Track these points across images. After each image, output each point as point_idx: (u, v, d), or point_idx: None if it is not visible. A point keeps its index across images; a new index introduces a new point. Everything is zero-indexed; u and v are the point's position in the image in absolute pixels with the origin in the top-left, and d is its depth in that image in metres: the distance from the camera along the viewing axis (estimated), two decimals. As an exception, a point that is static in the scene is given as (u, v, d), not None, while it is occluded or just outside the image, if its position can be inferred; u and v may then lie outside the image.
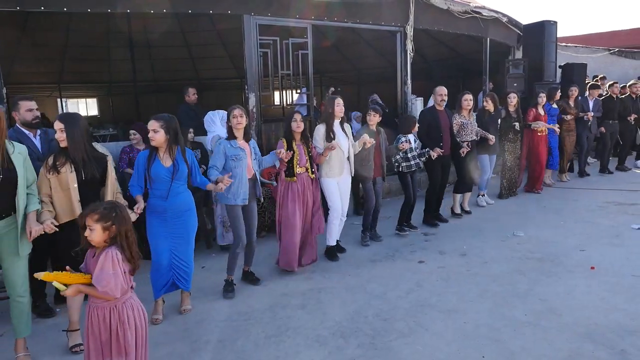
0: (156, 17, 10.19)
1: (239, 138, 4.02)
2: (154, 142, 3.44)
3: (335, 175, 4.73)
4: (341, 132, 4.76)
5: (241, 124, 3.97)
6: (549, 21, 9.25)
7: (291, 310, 3.73)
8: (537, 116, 7.17)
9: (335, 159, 4.69)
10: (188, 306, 3.79)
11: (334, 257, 4.82)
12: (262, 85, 6.11)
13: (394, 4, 7.11)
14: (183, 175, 3.56)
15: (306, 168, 4.44)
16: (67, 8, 4.98)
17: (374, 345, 3.14)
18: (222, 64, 13.48)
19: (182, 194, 3.58)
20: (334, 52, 12.70)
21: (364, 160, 5.03)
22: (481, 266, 4.47)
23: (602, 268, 4.26)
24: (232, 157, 3.95)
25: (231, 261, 4.08)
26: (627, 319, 3.32)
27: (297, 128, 4.37)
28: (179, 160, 3.53)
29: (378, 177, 5.24)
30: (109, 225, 2.27)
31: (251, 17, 5.81)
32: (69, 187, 3.15)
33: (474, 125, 6.17)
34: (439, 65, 11.96)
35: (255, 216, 4.22)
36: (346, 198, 4.91)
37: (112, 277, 2.23)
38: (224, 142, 4.01)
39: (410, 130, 5.45)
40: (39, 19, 9.65)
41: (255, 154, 4.20)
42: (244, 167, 3.98)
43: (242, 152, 3.98)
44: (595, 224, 5.63)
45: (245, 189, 4.00)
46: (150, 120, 3.46)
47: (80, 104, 15.65)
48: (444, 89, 5.77)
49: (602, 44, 14.54)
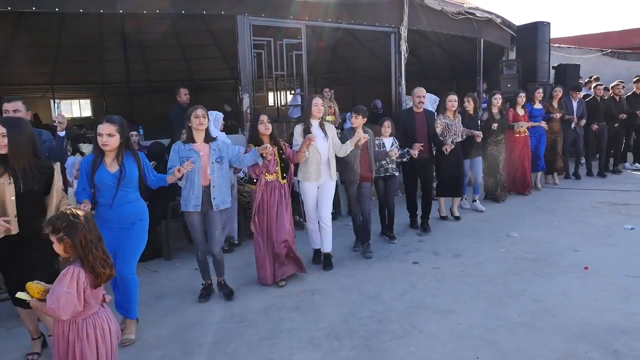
0: (150, 18, 10.14)
1: (198, 140, 3.77)
2: (108, 147, 3.13)
3: (313, 179, 4.44)
4: (320, 134, 4.46)
5: (203, 125, 3.74)
6: (542, 22, 9.29)
7: (285, 312, 3.71)
8: (516, 116, 7.03)
9: (313, 162, 4.41)
10: (129, 335, 3.30)
11: (327, 265, 4.59)
12: (256, 86, 6.10)
13: (388, 5, 7.11)
14: (131, 181, 3.24)
15: (277, 174, 4.14)
16: (58, 8, 4.95)
17: (368, 347, 3.13)
18: (216, 65, 13.45)
19: (131, 204, 3.26)
20: (329, 53, 12.70)
21: (349, 163, 4.74)
22: (475, 267, 4.47)
23: (596, 268, 4.27)
24: (183, 159, 3.65)
25: (200, 267, 3.97)
26: (620, 319, 3.33)
27: (265, 130, 4.08)
28: (127, 164, 3.22)
29: (365, 182, 4.91)
30: (61, 236, 2.14)
31: (245, 17, 5.79)
32: (5, 200, 2.81)
33: (458, 127, 5.97)
34: (433, 66, 11.99)
35: (216, 226, 3.86)
36: (326, 204, 4.58)
37: (64, 296, 2.10)
38: (178, 143, 3.79)
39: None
40: (32, 19, 9.58)
41: (222, 157, 3.83)
42: (197, 172, 3.69)
43: (195, 155, 3.69)
44: (589, 224, 5.65)
45: (197, 194, 3.72)
46: (102, 123, 3.13)
47: (73, 104, 15.54)
48: (422, 90, 5.60)
49: (595, 45, 14.61)
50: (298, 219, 5.82)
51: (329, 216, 4.62)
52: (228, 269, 4.16)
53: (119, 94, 13.97)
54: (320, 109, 4.48)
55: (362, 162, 4.82)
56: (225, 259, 4.12)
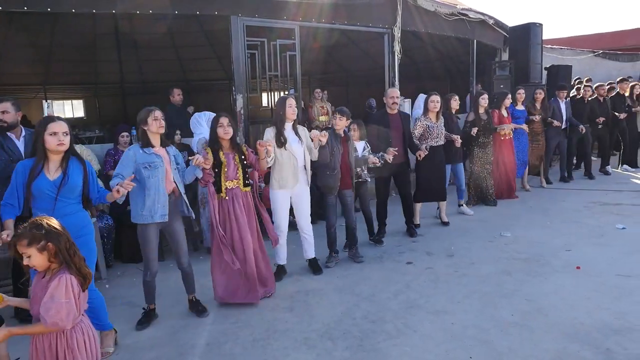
0: (143, 18, 10.10)
1: (156, 144, 3.44)
2: (65, 146, 2.87)
3: (288, 186, 4.18)
4: (294, 137, 4.20)
5: (162, 128, 3.42)
6: (534, 23, 9.34)
7: (279, 312, 3.71)
8: (500, 118, 6.82)
9: (288, 168, 4.13)
10: (108, 348, 3.18)
11: (317, 270, 4.45)
12: (250, 86, 6.08)
13: (381, 5, 7.12)
14: (73, 190, 2.93)
15: (239, 180, 3.78)
16: (51, 8, 4.91)
17: (362, 348, 3.13)
18: (210, 66, 13.42)
19: (72, 216, 2.92)
20: (323, 53, 12.71)
21: (328, 169, 4.44)
22: (469, 267, 4.49)
23: (588, 268, 4.30)
24: (144, 165, 3.32)
25: (145, 290, 3.59)
26: (612, 318, 3.36)
27: (225, 134, 3.71)
28: (71, 171, 2.91)
29: (346, 190, 4.62)
30: (44, 244, 2.04)
31: (238, 18, 5.78)
32: None
33: (441, 129, 5.65)
34: (427, 67, 12.03)
35: (183, 237, 3.59)
36: (304, 213, 4.35)
37: (64, 307, 2.03)
38: (135, 147, 3.42)
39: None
40: (24, 19, 9.51)
41: (178, 163, 3.57)
42: (161, 178, 3.36)
43: (158, 160, 3.38)
44: (581, 224, 5.69)
45: (163, 203, 3.38)
46: (54, 122, 2.86)
47: (66, 105, 15.45)
48: (396, 90, 5.37)
49: (587, 46, 14.74)
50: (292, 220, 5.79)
51: (310, 225, 4.42)
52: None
53: (112, 95, 13.91)
54: (295, 110, 4.21)
55: (342, 167, 4.54)
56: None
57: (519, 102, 7.31)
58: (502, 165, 6.92)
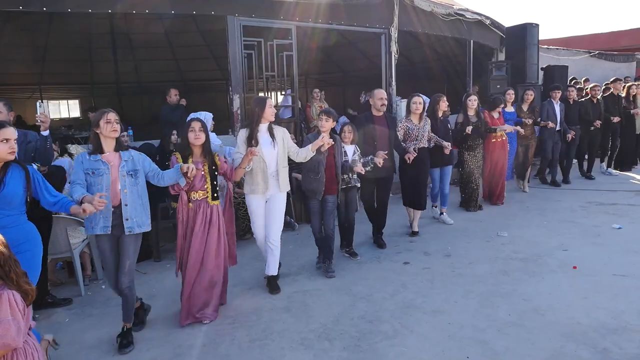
0: (140, 18, 10.09)
1: (107, 149, 3.17)
2: (14, 154, 2.73)
3: (260, 191, 3.92)
4: (267, 139, 3.92)
5: (116, 131, 3.15)
6: (531, 24, 9.37)
7: (276, 313, 3.70)
8: (491, 120, 6.56)
9: (258, 172, 3.88)
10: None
11: (274, 289, 4.09)
12: (246, 86, 6.08)
13: (378, 6, 7.13)
14: (11, 200, 2.74)
15: (206, 192, 3.52)
16: (46, 8, 4.89)
17: (360, 348, 3.13)
18: (207, 66, 13.39)
19: (11, 228, 2.71)
20: (320, 54, 12.71)
21: (312, 172, 4.23)
22: (466, 267, 4.49)
23: (584, 267, 4.31)
24: (87, 171, 3.08)
25: (123, 307, 3.29)
26: (608, 317, 3.36)
27: (196, 139, 3.47)
28: (10, 180, 2.73)
29: (329, 196, 4.36)
30: None
31: (235, 18, 5.78)
32: None
33: (424, 131, 5.36)
34: (424, 67, 12.04)
35: (128, 254, 3.22)
36: (274, 221, 4.03)
37: (12, 324, 1.91)
38: (83, 154, 3.18)
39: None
40: (19, 19, 9.47)
41: (136, 170, 3.22)
42: (105, 186, 3.09)
43: (103, 167, 3.10)
44: (578, 223, 5.70)
45: (106, 214, 3.10)
46: (5, 128, 2.70)
47: (61, 105, 15.40)
48: (383, 92, 5.05)
49: (583, 46, 14.80)
50: (289, 220, 5.81)
51: (278, 235, 4.08)
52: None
53: (108, 95, 13.87)
54: (274, 111, 3.99)
55: (327, 171, 4.29)
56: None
57: (508, 104, 7.11)
58: (495, 168, 6.70)
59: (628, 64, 14.19)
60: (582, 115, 7.97)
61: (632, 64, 14.28)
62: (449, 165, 5.92)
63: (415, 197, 5.43)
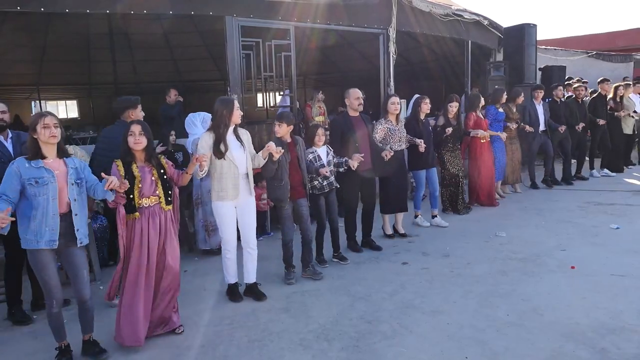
0: (138, 19, 10.07)
1: (49, 155, 2.93)
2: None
3: (230, 197, 3.72)
4: (235, 143, 3.75)
5: (55, 137, 2.90)
6: (529, 24, 9.39)
7: (275, 313, 3.70)
8: (478, 121, 6.51)
9: (228, 178, 3.69)
10: None
11: (236, 297, 3.92)
12: (245, 87, 6.07)
13: (376, 6, 7.13)
14: None
15: (158, 197, 3.26)
16: (44, 8, 4.87)
17: (358, 348, 3.13)
18: (206, 66, 13.39)
19: None
20: (318, 54, 12.71)
21: (275, 180, 4.04)
22: (464, 267, 4.49)
23: (583, 267, 4.32)
24: (30, 181, 2.82)
25: (51, 325, 3.06)
26: (607, 317, 3.37)
27: (136, 144, 3.19)
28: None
29: (301, 199, 4.25)
30: None
31: (233, 18, 5.77)
32: None
33: (402, 132, 5.33)
34: (423, 68, 12.06)
35: (83, 264, 3.06)
36: (249, 225, 3.91)
37: None
38: (20, 160, 2.89)
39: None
40: (17, 19, 9.45)
41: (81, 179, 3.02)
42: (51, 196, 2.85)
43: (47, 175, 2.86)
44: (576, 223, 5.71)
45: (53, 226, 2.86)
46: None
47: (59, 105, 15.37)
48: (359, 91, 4.97)
49: (581, 46, 14.82)
50: None
51: (255, 240, 3.97)
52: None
53: (106, 95, 13.84)
54: (241, 113, 3.80)
55: (292, 177, 4.15)
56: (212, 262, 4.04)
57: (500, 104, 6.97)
58: (481, 170, 6.62)
59: (626, 64, 14.21)
60: (566, 116, 7.86)
61: (629, 64, 14.29)
62: (433, 167, 5.89)
63: (400, 202, 5.40)
